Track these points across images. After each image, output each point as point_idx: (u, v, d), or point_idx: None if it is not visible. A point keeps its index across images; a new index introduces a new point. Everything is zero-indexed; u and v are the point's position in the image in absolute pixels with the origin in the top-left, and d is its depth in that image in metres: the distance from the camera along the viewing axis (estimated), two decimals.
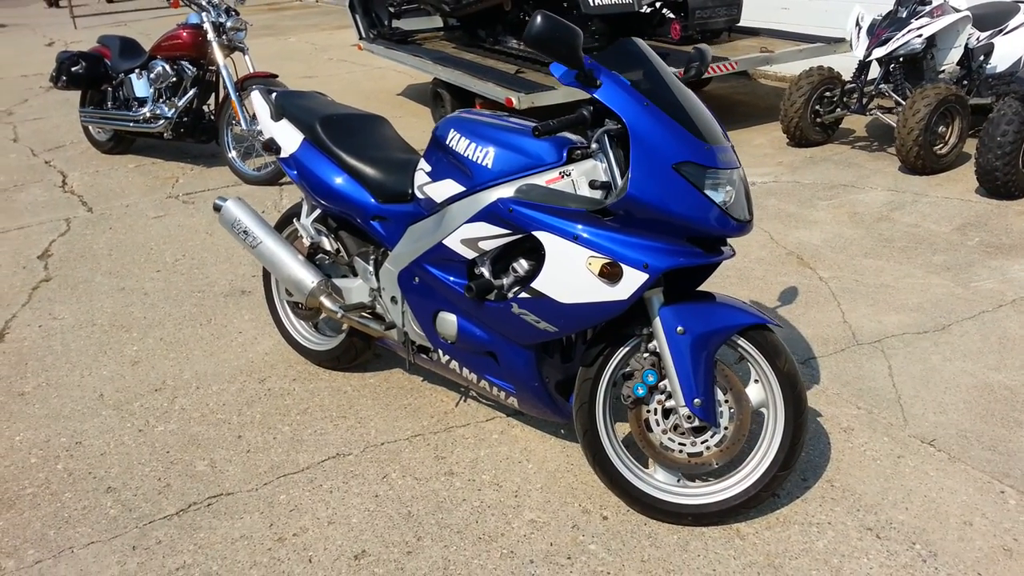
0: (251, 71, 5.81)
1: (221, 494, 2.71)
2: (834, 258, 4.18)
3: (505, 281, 2.49)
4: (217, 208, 3.18)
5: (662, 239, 2.24)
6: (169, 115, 5.94)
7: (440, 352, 2.78)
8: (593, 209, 2.27)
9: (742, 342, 2.36)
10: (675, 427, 2.41)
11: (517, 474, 2.73)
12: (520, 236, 2.40)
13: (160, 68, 5.95)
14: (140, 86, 6.14)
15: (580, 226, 2.27)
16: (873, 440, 2.81)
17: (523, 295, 2.39)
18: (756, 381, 2.42)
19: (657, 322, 2.32)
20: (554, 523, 2.51)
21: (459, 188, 2.53)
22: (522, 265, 2.46)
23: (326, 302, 2.97)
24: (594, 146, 2.30)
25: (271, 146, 3.10)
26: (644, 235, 2.24)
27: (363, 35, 7.74)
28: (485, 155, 2.44)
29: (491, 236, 2.45)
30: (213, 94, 6.09)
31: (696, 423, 2.36)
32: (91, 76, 6.28)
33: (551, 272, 2.32)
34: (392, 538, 2.48)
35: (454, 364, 2.77)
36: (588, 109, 2.27)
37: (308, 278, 2.99)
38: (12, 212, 5.55)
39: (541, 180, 2.37)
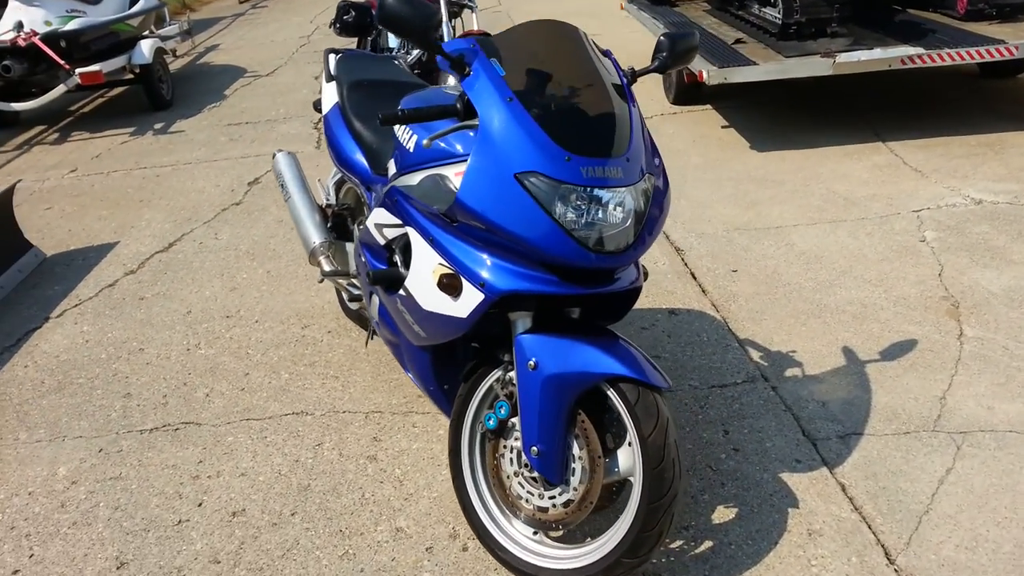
0: (472, 29, 5.94)
1: (191, 423, 2.97)
2: (1002, 315, 3.23)
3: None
4: (273, 157, 3.38)
5: (511, 257, 1.94)
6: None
7: (378, 333, 2.72)
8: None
9: (612, 395, 1.98)
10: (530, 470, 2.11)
11: (426, 476, 2.61)
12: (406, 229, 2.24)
13: None
14: (391, 37, 6.61)
15: (439, 229, 2.06)
16: (833, 559, 2.19)
17: (402, 292, 2.24)
18: (629, 444, 2.01)
19: (514, 350, 2.03)
20: (415, 538, 2.37)
21: (394, 169, 2.42)
22: (408, 260, 2.29)
23: (322, 262, 3.04)
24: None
25: (316, 106, 3.21)
26: (495, 250, 1.96)
27: None
28: (410, 138, 2.29)
29: (387, 224, 2.33)
30: None
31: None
32: (359, 24, 6.88)
33: (415, 273, 2.15)
34: (273, 506, 2.53)
35: (388, 348, 2.69)
36: (462, 99, 2.00)
37: (313, 238, 3.07)
38: (266, 140, 6.40)
39: (450, 172, 2.17)
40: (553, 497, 2.07)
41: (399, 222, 2.26)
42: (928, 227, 4.00)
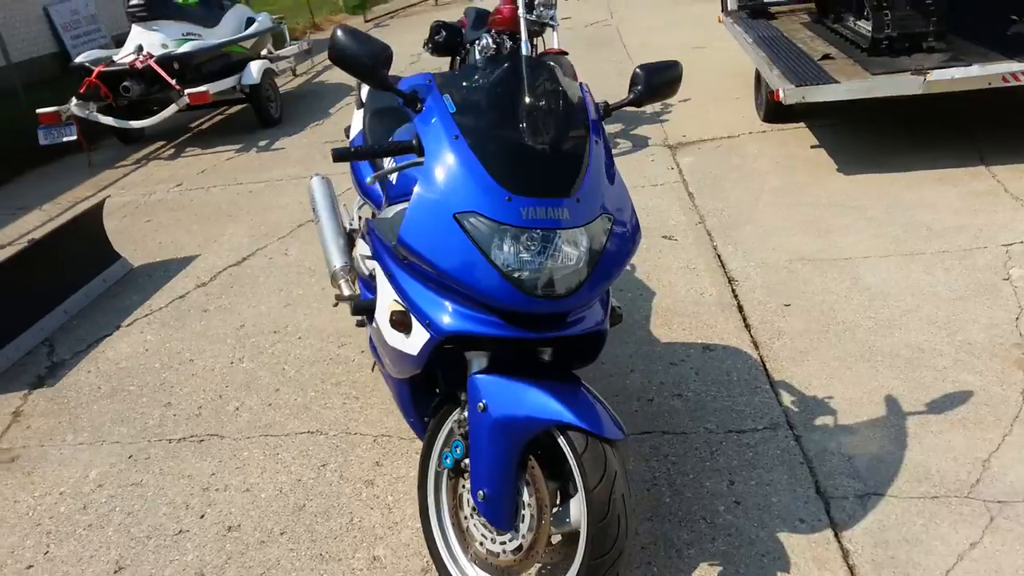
0: (551, 48, 5.93)
1: (215, 435, 3.09)
2: None
3: None
4: (310, 180, 3.48)
5: (457, 298, 1.90)
6: None
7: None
8: None
9: (562, 443, 1.90)
10: None
11: (415, 505, 2.57)
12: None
13: (485, 40, 6.39)
14: (475, 55, 6.69)
15: (395, 265, 2.04)
16: None
17: (373, 324, 2.24)
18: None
19: (467, 390, 1.99)
20: (388, 569, 2.36)
21: (382, 198, 2.44)
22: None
23: (341, 286, 3.08)
24: None
25: (347, 132, 3.28)
26: (442, 290, 1.92)
27: (727, 7, 7.22)
28: (393, 172, 2.30)
29: (367, 256, 2.34)
30: None
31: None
32: (449, 44, 7.02)
33: (379, 307, 2.15)
34: (266, 524, 2.59)
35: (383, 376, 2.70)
36: (416, 136, 1.97)
37: (335, 261, 3.11)
38: None
39: None
40: (504, 543, 2.00)
41: (372, 255, 2.26)
42: (1016, 263, 3.62)
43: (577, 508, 1.91)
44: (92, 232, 4.63)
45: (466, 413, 2.04)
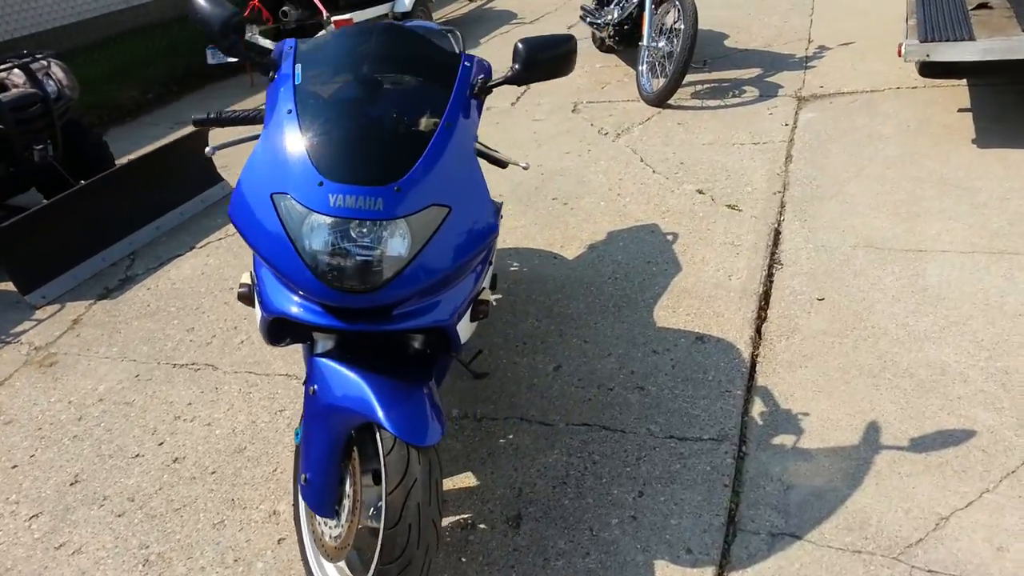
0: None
1: (211, 365, 3.29)
2: None
3: None
4: None
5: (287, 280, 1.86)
6: (608, 21, 6.11)
7: None
8: None
9: (379, 440, 1.84)
10: None
11: None
12: None
13: None
14: None
15: None
16: None
17: None
18: None
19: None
20: (280, 526, 2.44)
21: None
22: None
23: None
24: None
25: None
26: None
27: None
28: None
29: None
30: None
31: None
32: None
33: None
34: (205, 461, 2.75)
35: None
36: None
37: None
38: None
39: None
40: (330, 528, 1.99)
41: None
42: None
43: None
44: (198, 152, 4.93)
45: None
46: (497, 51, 7.84)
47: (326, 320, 1.81)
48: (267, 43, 7.49)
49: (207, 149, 2.02)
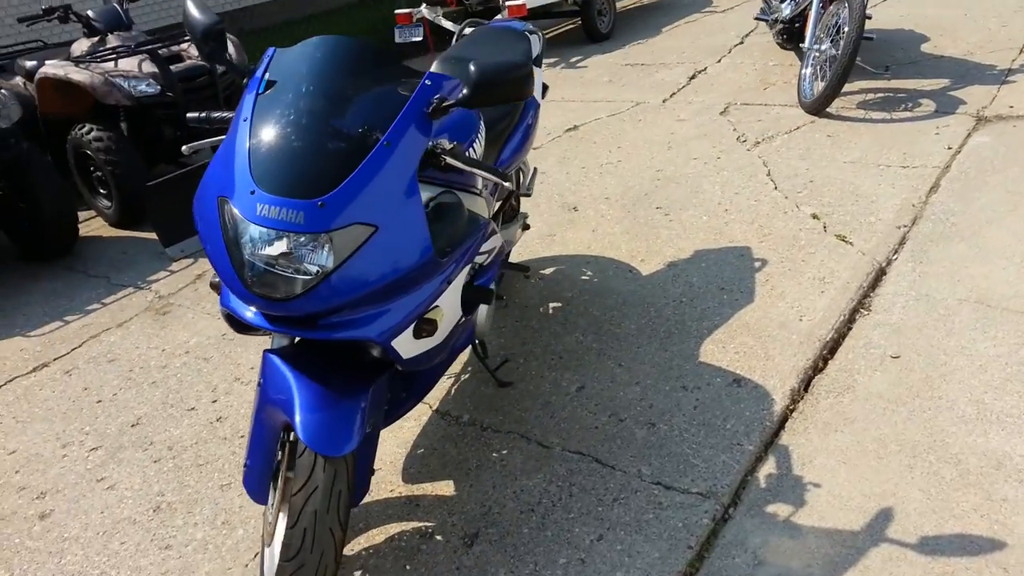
0: None
1: None
2: None
3: None
4: None
5: None
6: (779, 17, 5.74)
7: None
8: None
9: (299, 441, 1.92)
10: None
11: None
12: None
13: None
14: None
15: None
16: None
17: None
18: None
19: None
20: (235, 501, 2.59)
21: None
22: None
23: None
24: None
25: None
26: None
27: None
28: None
29: None
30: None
31: None
32: None
33: None
34: (239, 425, 2.98)
35: None
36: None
37: None
38: (636, 86, 6.43)
39: None
40: (266, 514, 2.10)
41: None
42: None
43: None
44: None
45: None
46: (675, 40, 7.59)
47: (257, 320, 1.91)
48: (449, 25, 7.77)
49: (184, 148, 2.17)
